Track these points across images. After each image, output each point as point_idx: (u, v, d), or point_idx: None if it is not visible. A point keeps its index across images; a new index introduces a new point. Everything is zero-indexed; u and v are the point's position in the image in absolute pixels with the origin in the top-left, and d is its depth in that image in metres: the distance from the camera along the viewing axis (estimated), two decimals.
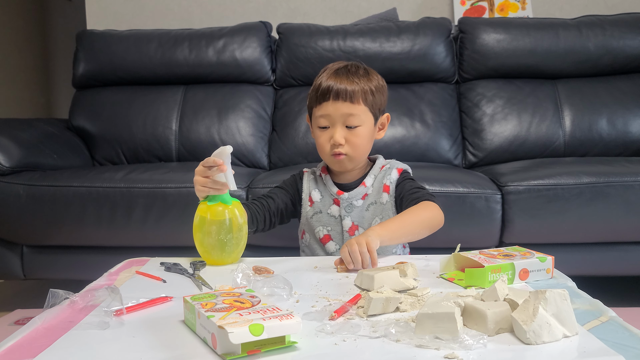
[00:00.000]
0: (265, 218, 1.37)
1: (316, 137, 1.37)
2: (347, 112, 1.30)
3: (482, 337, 0.72)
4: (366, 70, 1.37)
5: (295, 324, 0.72)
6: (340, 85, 1.30)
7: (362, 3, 2.95)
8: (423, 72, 2.41)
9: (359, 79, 1.32)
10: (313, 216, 1.40)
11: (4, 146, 1.93)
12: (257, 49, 2.44)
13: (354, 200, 1.38)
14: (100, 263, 1.31)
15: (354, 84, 1.30)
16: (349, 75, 1.32)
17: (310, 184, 1.43)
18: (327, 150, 1.34)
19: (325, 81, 1.32)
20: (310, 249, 1.43)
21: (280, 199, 1.42)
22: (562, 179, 1.78)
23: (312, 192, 1.42)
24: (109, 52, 2.47)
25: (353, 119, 1.31)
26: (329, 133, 1.33)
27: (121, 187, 1.84)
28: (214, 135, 2.32)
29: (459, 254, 1.06)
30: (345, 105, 1.30)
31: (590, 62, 2.37)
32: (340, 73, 1.33)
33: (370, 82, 1.33)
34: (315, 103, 1.34)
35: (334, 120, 1.31)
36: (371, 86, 1.33)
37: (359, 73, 1.34)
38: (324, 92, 1.31)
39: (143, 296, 0.93)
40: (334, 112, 1.30)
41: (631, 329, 0.77)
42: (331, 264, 1.14)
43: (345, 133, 1.31)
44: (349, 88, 1.30)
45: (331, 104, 1.30)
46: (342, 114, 1.30)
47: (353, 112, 1.30)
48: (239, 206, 1.18)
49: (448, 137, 2.32)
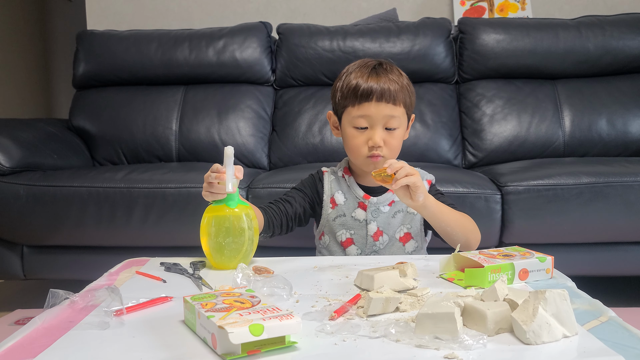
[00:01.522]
0: (282, 223, 1.33)
1: (349, 137, 1.31)
2: (389, 113, 1.27)
3: (481, 337, 0.72)
4: (397, 70, 1.33)
5: (295, 324, 0.72)
6: (383, 86, 1.26)
7: (362, 3, 2.95)
8: (423, 72, 2.41)
9: (397, 79, 1.29)
10: (336, 219, 1.36)
11: (4, 146, 1.93)
12: (257, 49, 2.44)
13: (381, 206, 1.34)
14: (100, 263, 1.31)
15: (394, 84, 1.27)
16: (388, 74, 1.28)
17: (333, 185, 1.39)
18: (364, 152, 1.29)
19: (365, 82, 1.27)
20: (328, 251, 1.39)
21: (298, 203, 1.38)
22: (562, 179, 1.78)
23: (335, 194, 1.37)
24: (109, 52, 2.47)
25: (393, 121, 1.28)
26: (366, 134, 1.28)
27: (121, 187, 1.84)
28: (214, 136, 2.32)
29: (458, 254, 1.06)
30: (388, 107, 1.26)
31: (589, 63, 2.38)
32: (379, 73, 1.28)
33: (405, 83, 1.30)
34: (352, 103, 1.29)
35: (375, 122, 1.27)
36: (408, 87, 1.31)
37: (395, 72, 1.30)
38: (365, 92, 1.26)
39: (143, 296, 0.92)
40: (376, 113, 1.26)
41: (631, 329, 0.77)
42: (331, 264, 1.14)
43: (384, 135, 1.28)
44: (392, 88, 1.26)
45: (374, 105, 1.26)
46: (383, 116, 1.27)
47: (394, 114, 1.27)
48: (246, 210, 1.14)
49: (448, 137, 2.32)
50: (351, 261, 1.18)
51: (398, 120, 1.28)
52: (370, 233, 1.34)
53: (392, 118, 1.27)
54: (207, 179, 1.14)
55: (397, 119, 1.28)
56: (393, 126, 1.28)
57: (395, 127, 1.29)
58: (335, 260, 1.20)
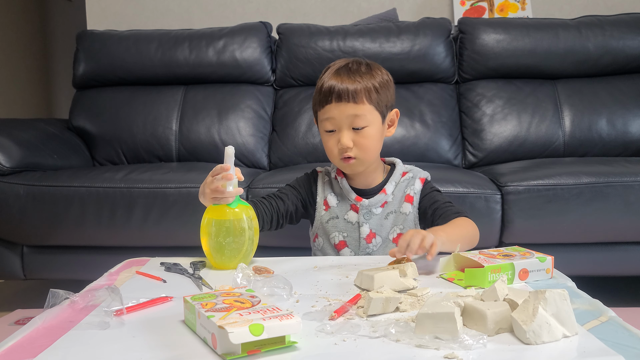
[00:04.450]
0: (273, 219, 1.32)
1: (324, 142, 1.31)
2: (352, 113, 1.24)
3: (481, 337, 0.72)
4: (369, 65, 1.30)
5: (295, 324, 0.72)
6: (341, 86, 1.23)
7: (362, 3, 2.95)
8: (423, 72, 2.41)
9: (361, 77, 1.25)
10: (329, 221, 1.35)
11: (4, 146, 1.93)
12: (257, 49, 2.44)
13: (373, 208, 1.33)
14: (100, 263, 1.31)
15: (356, 83, 1.24)
16: (350, 73, 1.26)
17: (326, 187, 1.38)
18: (336, 155, 1.28)
19: (327, 82, 1.26)
20: (323, 253, 1.38)
21: (290, 201, 1.36)
22: (562, 179, 1.78)
23: (327, 196, 1.36)
24: (109, 53, 2.47)
25: (359, 120, 1.24)
26: (336, 136, 1.27)
27: (121, 187, 1.84)
28: (214, 136, 2.32)
29: (458, 254, 1.06)
30: (350, 107, 1.24)
31: (589, 63, 2.38)
32: (341, 72, 1.26)
33: (373, 79, 1.26)
34: (319, 106, 1.29)
35: (340, 123, 1.25)
36: (374, 83, 1.26)
37: (360, 70, 1.27)
38: (326, 94, 1.25)
39: (143, 296, 0.93)
40: (339, 114, 1.25)
41: (631, 329, 0.77)
42: (331, 264, 1.14)
43: (353, 135, 1.25)
44: (350, 88, 1.23)
45: (335, 106, 1.25)
46: (347, 116, 1.24)
47: (358, 113, 1.24)
48: (247, 210, 1.14)
49: (448, 137, 2.32)
50: (351, 261, 1.18)
51: (364, 119, 1.25)
52: (362, 235, 1.33)
53: (356, 117, 1.24)
54: (211, 184, 1.12)
55: (363, 118, 1.25)
56: (359, 125, 1.25)
57: (362, 126, 1.25)
58: (335, 260, 1.20)
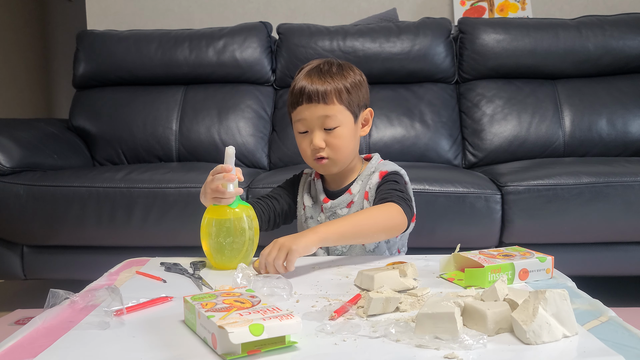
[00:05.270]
0: (270, 219, 1.34)
1: (298, 143, 1.31)
2: (322, 114, 1.23)
3: (482, 337, 0.72)
4: (340, 66, 1.29)
5: (295, 324, 0.72)
6: (312, 87, 1.23)
7: (362, 3, 2.95)
8: (423, 72, 2.41)
9: (332, 78, 1.25)
10: (306, 221, 1.37)
11: (4, 146, 1.93)
12: (257, 49, 2.44)
13: (337, 209, 1.32)
14: (100, 263, 1.31)
15: (325, 84, 1.23)
16: (321, 74, 1.25)
17: (304, 188, 1.40)
18: (309, 155, 1.28)
19: (298, 83, 1.26)
20: None
21: (284, 200, 1.39)
22: (562, 179, 1.78)
23: (304, 197, 1.38)
24: (109, 52, 2.47)
25: (330, 120, 1.24)
26: (308, 138, 1.27)
27: (121, 187, 1.84)
28: (214, 136, 2.32)
29: (458, 254, 1.06)
30: (320, 108, 1.23)
31: (590, 62, 2.38)
32: (312, 73, 1.26)
33: (344, 79, 1.26)
34: (291, 108, 1.29)
35: (311, 124, 1.25)
36: (345, 83, 1.25)
37: (331, 71, 1.26)
38: (297, 95, 1.25)
39: (143, 296, 0.92)
40: (309, 115, 1.24)
41: (631, 329, 0.77)
42: (331, 264, 1.14)
43: (325, 136, 1.25)
44: (320, 89, 1.23)
45: (305, 108, 1.24)
46: (317, 117, 1.24)
47: (328, 114, 1.23)
48: (247, 210, 1.14)
49: (448, 137, 2.32)
50: (351, 261, 1.18)
51: (335, 119, 1.24)
52: None
53: (327, 118, 1.24)
54: (211, 184, 1.12)
55: (334, 118, 1.24)
56: (331, 126, 1.24)
57: (334, 127, 1.24)
58: (335, 260, 1.20)
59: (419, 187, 1.77)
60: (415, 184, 1.77)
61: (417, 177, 1.80)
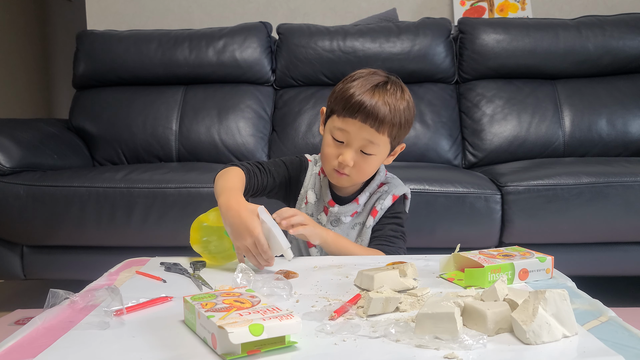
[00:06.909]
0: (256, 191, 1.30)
1: (325, 144, 1.25)
2: (368, 138, 1.19)
3: (481, 337, 0.72)
4: (403, 93, 1.23)
5: (295, 324, 0.72)
6: (372, 108, 1.17)
7: (362, 3, 2.95)
8: (423, 72, 2.41)
9: (395, 109, 1.19)
10: None
11: (4, 146, 1.93)
12: (257, 49, 2.44)
13: (342, 216, 1.31)
14: (100, 263, 1.30)
15: (386, 112, 1.17)
16: (386, 98, 1.18)
17: (310, 182, 1.36)
18: (332, 164, 1.24)
19: (359, 94, 1.18)
20: (296, 241, 1.35)
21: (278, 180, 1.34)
22: (562, 179, 1.78)
23: (309, 192, 1.35)
24: (109, 52, 2.47)
25: (372, 147, 1.20)
26: (340, 148, 1.22)
27: (121, 187, 1.84)
28: (214, 136, 2.32)
29: (458, 254, 1.06)
30: (369, 132, 1.18)
31: (589, 63, 2.38)
32: (377, 92, 1.19)
33: (401, 114, 1.20)
34: (339, 112, 1.21)
35: (352, 141, 1.20)
36: (401, 119, 1.20)
37: (396, 96, 1.20)
38: (353, 107, 1.18)
39: (143, 296, 0.92)
40: (355, 132, 1.19)
41: (631, 329, 0.77)
42: (331, 264, 1.14)
43: (356, 156, 1.21)
44: (380, 115, 1.17)
45: (354, 123, 1.18)
46: (362, 138, 1.19)
47: (374, 141, 1.19)
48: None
49: (448, 137, 2.32)
50: (351, 261, 1.18)
51: (377, 148, 1.21)
52: None
53: (370, 144, 1.20)
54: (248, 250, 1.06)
55: (376, 147, 1.21)
56: (369, 152, 1.21)
57: (371, 154, 1.22)
58: (335, 260, 1.20)
59: (419, 187, 1.77)
60: (415, 184, 1.77)
61: (417, 177, 1.81)
